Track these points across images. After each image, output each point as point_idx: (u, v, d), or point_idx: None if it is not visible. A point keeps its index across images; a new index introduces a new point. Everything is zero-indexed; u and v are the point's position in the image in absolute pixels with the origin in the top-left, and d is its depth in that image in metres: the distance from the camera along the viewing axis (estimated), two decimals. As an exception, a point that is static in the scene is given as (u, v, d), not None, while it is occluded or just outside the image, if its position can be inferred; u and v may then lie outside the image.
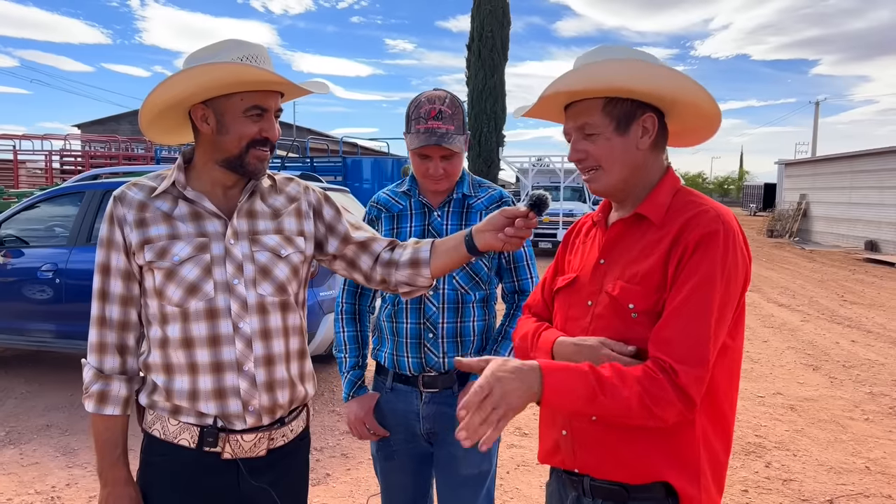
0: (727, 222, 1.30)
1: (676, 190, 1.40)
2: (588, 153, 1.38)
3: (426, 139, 1.91)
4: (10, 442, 4.33)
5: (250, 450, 1.53)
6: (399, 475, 2.12)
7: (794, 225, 25.45)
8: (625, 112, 1.36)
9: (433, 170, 1.97)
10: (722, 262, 1.27)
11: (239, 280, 1.51)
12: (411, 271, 1.67)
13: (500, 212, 1.55)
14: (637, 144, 1.38)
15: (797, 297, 11.00)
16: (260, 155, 1.52)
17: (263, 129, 1.51)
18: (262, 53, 1.50)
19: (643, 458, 1.31)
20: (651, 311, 1.30)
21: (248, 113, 1.48)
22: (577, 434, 1.39)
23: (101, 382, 1.52)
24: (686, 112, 1.40)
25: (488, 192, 2.09)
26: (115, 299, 1.53)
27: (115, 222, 1.52)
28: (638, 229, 1.39)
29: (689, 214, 1.32)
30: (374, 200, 2.18)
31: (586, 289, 1.43)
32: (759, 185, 55.99)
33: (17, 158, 18.66)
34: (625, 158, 1.37)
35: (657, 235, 1.34)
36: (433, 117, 1.92)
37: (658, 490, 1.33)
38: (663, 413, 1.21)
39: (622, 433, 1.32)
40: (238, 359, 1.49)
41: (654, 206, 1.37)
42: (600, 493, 1.38)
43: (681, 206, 1.36)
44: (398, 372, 2.06)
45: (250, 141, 1.50)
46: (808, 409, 5.25)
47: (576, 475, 1.42)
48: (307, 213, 1.66)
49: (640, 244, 1.37)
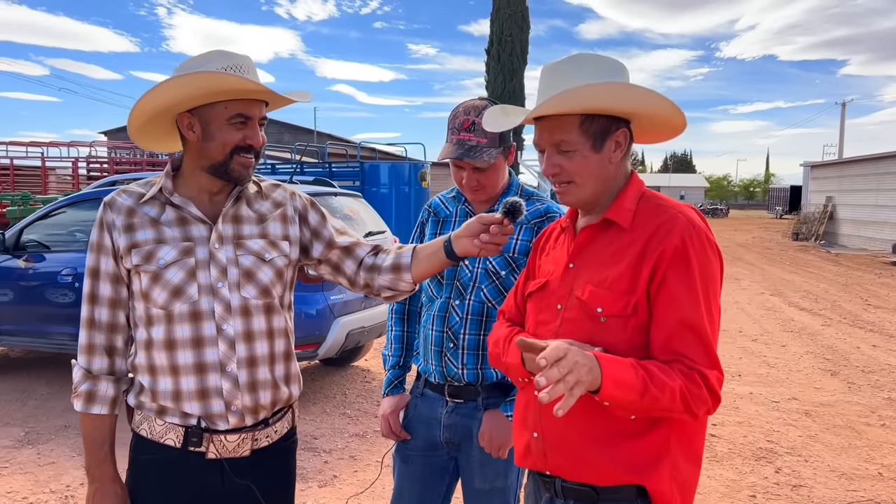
0: (697, 227, 1.32)
1: (641, 194, 1.42)
2: (563, 168, 1.40)
3: (453, 151, 1.91)
4: (29, 442, 4.44)
5: (234, 450, 1.56)
6: (410, 481, 2.13)
7: (820, 228, 25.04)
8: (601, 129, 1.38)
9: (466, 181, 1.96)
10: (702, 270, 1.31)
11: (223, 283, 1.55)
12: (393, 276, 1.70)
13: (477, 218, 1.58)
14: (610, 159, 1.40)
15: (819, 301, 10.84)
16: (244, 161, 1.56)
17: (247, 136, 1.55)
18: (247, 64, 1.55)
19: (610, 461, 1.33)
20: (619, 314, 1.32)
21: (231, 121, 1.53)
22: (548, 437, 1.40)
23: (89, 382, 1.57)
24: (654, 121, 1.42)
25: (535, 206, 2.03)
26: (104, 302, 1.58)
27: (104, 227, 1.57)
28: (606, 234, 1.41)
29: (660, 220, 1.34)
30: (426, 204, 2.20)
31: (556, 293, 1.45)
32: (786, 188, 55.27)
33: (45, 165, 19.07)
34: (598, 173, 1.40)
35: (627, 240, 1.36)
36: (465, 129, 1.91)
37: (628, 492, 1.34)
38: (697, 409, 1.27)
39: (590, 437, 1.33)
40: (221, 360, 1.53)
41: (621, 212, 1.39)
42: (571, 494, 1.39)
43: (649, 210, 1.37)
44: (427, 378, 2.08)
45: (234, 148, 1.54)
46: (824, 414, 5.18)
47: (548, 477, 1.44)
48: (293, 219, 1.70)
49: (609, 249, 1.39)
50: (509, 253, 1.97)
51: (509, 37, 23.91)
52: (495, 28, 24.47)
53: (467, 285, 1.99)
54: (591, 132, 1.37)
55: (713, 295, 1.32)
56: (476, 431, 1.97)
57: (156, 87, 1.49)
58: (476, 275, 1.98)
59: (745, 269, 15.39)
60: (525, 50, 24.63)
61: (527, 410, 1.47)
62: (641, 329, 1.31)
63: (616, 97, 1.33)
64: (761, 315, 9.48)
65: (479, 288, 1.97)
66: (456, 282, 2.00)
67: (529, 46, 24.73)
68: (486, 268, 1.98)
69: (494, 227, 1.54)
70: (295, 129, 36.78)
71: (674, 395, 1.23)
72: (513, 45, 23.95)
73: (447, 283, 2.01)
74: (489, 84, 24.65)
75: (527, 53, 24.77)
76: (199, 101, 1.51)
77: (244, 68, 1.53)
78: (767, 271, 15.13)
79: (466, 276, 1.99)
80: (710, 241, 1.33)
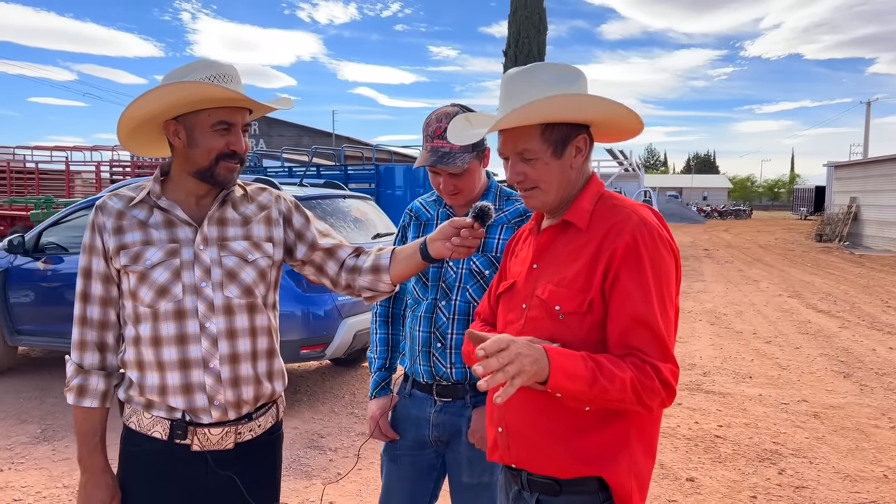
0: (649, 224, 1.36)
1: (600, 195, 1.47)
2: (527, 175, 1.45)
3: (427, 159, 1.97)
4: (45, 439, 4.58)
5: (218, 443, 1.63)
6: (399, 479, 2.18)
7: (844, 229, 24.68)
8: (561, 136, 1.43)
9: (443, 186, 2.03)
10: (654, 267, 1.34)
11: (206, 283, 1.62)
12: (373, 277, 1.76)
13: (450, 222, 1.64)
14: (571, 164, 1.46)
15: (838, 303, 10.71)
16: (229, 167, 1.63)
17: (230, 142, 1.62)
18: (231, 72, 1.61)
19: (569, 455, 1.37)
20: (576, 312, 1.36)
21: (215, 127, 1.60)
22: (511, 430, 1.45)
23: (80, 377, 1.65)
24: (612, 125, 1.47)
25: (514, 206, 2.09)
26: (96, 300, 1.66)
27: (95, 229, 1.65)
28: (565, 235, 1.46)
29: (613, 220, 1.39)
30: (408, 208, 2.26)
31: (521, 293, 1.50)
32: (810, 189, 54.48)
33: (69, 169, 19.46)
34: (561, 179, 1.45)
35: (583, 241, 1.41)
36: (438, 136, 1.97)
37: (590, 484, 1.38)
38: (650, 401, 1.30)
39: (548, 431, 1.38)
40: (204, 356, 1.60)
41: (578, 213, 1.44)
42: (536, 487, 1.44)
43: (605, 211, 1.42)
44: (415, 379, 2.13)
45: (219, 154, 1.61)
46: (833, 416, 5.14)
47: (515, 470, 1.48)
48: (277, 221, 1.77)
49: (567, 249, 1.44)
50: (492, 252, 2.03)
51: (526, 38, 23.93)
52: (513, 30, 24.51)
53: (453, 286, 2.04)
54: (551, 140, 1.42)
55: (666, 290, 1.35)
56: (465, 429, 2.02)
57: (141, 97, 1.56)
58: (461, 275, 2.03)
59: (765, 271, 15.24)
60: (542, 51, 24.63)
61: (493, 406, 1.52)
62: (597, 326, 1.35)
63: (573, 108, 1.38)
64: (777, 317, 9.40)
65: (465, 288, 2.03)
66: (441, 283, 2.05)
67: (549, 47, 24.82)
68: (471, 268, 2.03)
69: (465, 230, 1.60)
70: (313, 132, 37.10)
71: (624, 386, 1.26)
72: (530, 46, 23.97)
73: (432, 284, 2.07)
74: (507, 86, 24.64)
75: (544, 55, 24.77)
76: (182, 109, 1.58)
77: (228, 77, 1.60)
78: (787, 273, 14.96)
79: (451, 276, 2.04)
80: (662, 238, 1.37)
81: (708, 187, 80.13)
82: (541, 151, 1.42)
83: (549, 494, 1.42)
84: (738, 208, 57.75)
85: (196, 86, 1.53)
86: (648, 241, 1.34)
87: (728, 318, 9.34)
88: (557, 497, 1.41)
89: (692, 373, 6.41)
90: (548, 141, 1.42)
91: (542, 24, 24.45)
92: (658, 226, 1.39)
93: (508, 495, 1.54)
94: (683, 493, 3.79)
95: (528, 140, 1.42)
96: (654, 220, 1.39)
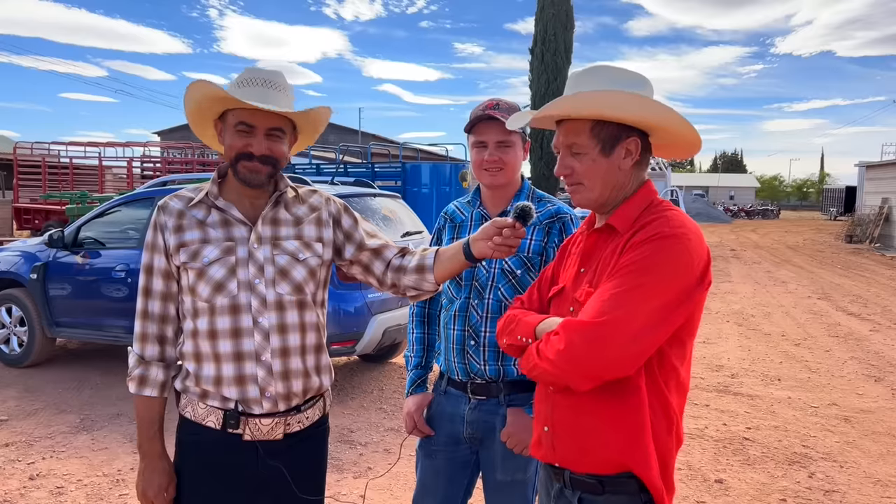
0: (673, 225, 1.38)
1: (649, 203, 1.49)
2: (573, 170, 1.49)
3: (479, 117, 2.05)
4: (84, 428, 4.71)
5: (268, 433, 1.70)
6: (434, 475, 2.22)
7: (875, 230, 24.24)
8: (610, 135, 1.46)
9: (487, 157, 2.07)
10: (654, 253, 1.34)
11: (260, 280, 1.69)
12: (418, 276, 1.81)
13: (492, 222, 1.69)
14: (620, 165, 1.48)
15: (869, 305, 10.56)
16: (249, 167, 1.68)
17: (249, 144, 1.67)
18: (262, 77, 1.68)
19: (605, 447, 1.41)
20: None
21: (237, 128, 1.68)
22: (557, 430, 1.49)
23: (141, 368, 1.74)
24: (669, 135, 1.50)
25: (546, 207, 2.13)
26: (157, 295, 1.74)
27: (157, 228, 1.73)
28: (609, 238, 1.50)
29: (646, 220, 1.42)
30: (444, 211, 2.33)
31: (569, 297, 1.54)
32: (841, 189, 53.54)
33: (101, 164, 19.82)
34: (606, 178, 1.48)
35: (618, 242, 1.45)
36: (490, 107, 2.07)
37: (630, 486, 1.42)
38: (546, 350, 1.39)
39: (590, 424, 1.42)
40: (256, 349, 1.67)
41: (622, 218, 1.48)
42: (579, 485, 1.48)
43: (647, 216, 1.45)
44: (450, 377, 2.18)
45: (237, 153, 1.68)
46: (864, 420, 5.10)
47: (557, 468, 1.53)
48: (327, 222, 1.83)
49: (606, 252, 1.47)
50: (524, 253, 2.08)
51: (553, 36, 23.85)
52: (539, 28, 24.43)
53: (485, 285, 2.09)
54: (600, 137, 1.46)
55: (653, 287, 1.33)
56: (498, 426, 2.07)
57: (185, 93, 1.69)
58: (493, 275, 2.09)
59: (794, 272, 15.05)
60: (569, 49, 24.53)
61: (541, 404, 1.56)
62: None
63: (617, 105, 1.41)
64: (806, 319, 9.30)
65: (497, 287, 2.08)
66: (474, 282, 2.11)
67: (575, 45, 24.68)
68: (503, 268, 2.08)
69: (507, 230, 1.65)
70: (340, 129, 37.39)
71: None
72: (556, 44, 23.89)
73: (466, 284, 2.12)
74: (533, 83, 24.63)
75: (571, 52, 24.66)
76: (209, 107, 1.70)
77: (261, 82, 1.67)
78: (816, 274, 14.77)
79: (484, 276, 2.10)
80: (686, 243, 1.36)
81: (735, 186, 79.10)
82: (589, 147, 1.46)
83: (591, 493, 1.46)
84: (765, 208, 56.88)
85: (206, 85, 1.64)
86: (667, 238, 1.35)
87: (756, 319, 9.26)
88: (600, 496, 1.45)
89: (720, 374, 6.38)
90: (597, 137, 1.45)
91: (569, 22, 24.34)
92: (688, 233, 1.38)
93: (550, 493, 1.58)
94: (712, 495, 3.80)
95: (578, 134, 1.46)
96: (686, 227, 1.39)
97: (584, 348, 1.29)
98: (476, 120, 2.07)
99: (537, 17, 24.65)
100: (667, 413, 1.41)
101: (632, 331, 1.29)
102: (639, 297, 1.31)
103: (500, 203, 2.16)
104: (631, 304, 1.30)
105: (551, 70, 23.97)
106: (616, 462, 1.41)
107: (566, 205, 2.17)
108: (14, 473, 3.95)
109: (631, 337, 1.29)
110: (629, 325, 1.29)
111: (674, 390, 1.42)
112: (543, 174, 23.76)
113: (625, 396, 1.38)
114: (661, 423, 1.40)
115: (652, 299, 1.31)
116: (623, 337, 1.29)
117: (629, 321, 1.29)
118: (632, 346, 1.30)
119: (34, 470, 4.00)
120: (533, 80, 24.65)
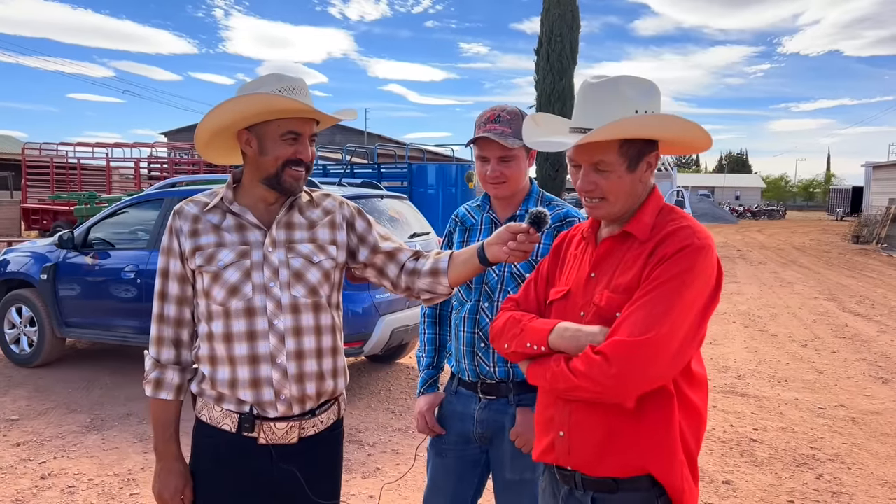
0: (702, 236, 1.42)
1: (660, 208, 1.52)
2: (598, 185, 1.51)
3: (479, 134, 2.06)
4: (94, 428, 4.75)
5: (283, 437, 1.72)
6: (445, 473, 2.25)
7: (882, 231, 24.14)
8: (637, 151, 1.49)
9: (489, 172, 2.09)
10: (691, 267, 1.39)
11: (275, 283, 1.71)
12: (432, 280, 1.83)
13: (506, 227, 1.71)
14: (641, 178, 1.52)
15: (876, 306, 10.53)
16: (294, 174, 1.72)
17: (298, 150, 1.71)
18: (300, 86, 1.70)
19: (627, 451, 1.43)
20: None
21: (284, 137, 1.69)
22: (575, 434, 1.50)
23: (157, 371, 1.76)
24: (684, 141, 1.54)
25: (555, 210, 2.14)
26: (172, 299, 1.76)
27: (173, 233, 1.76)
28: (624, 245, 1.52)
29: (668, 230, 1.45)
30: (454, 214, 2.35)
31: (579, 301, 1.55)
32: (847, 189, 53.37)
33: (109, 165, 19.89)
34: (630, 191, 1.51)
35: (640, 250, 1.47)
36: (491, 121, 2.08)
37: (644, 482, 1.44)
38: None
39: (611, 429, 1.44)
40: (272, 352, 1.69)
41: (640, 225, 1.50)
42: (591, 486, 1.49)
43: (663, 223, 1.48)
44: (461, 377, 2.21)
45: (286, 161, 1.70)
46: (872, 422, 5.10)
47: (568, 471, 1.54)
48: (341, 225, 1.85)
49: (625, 258, 1.49)
50: (533, 256, 2.09)
51: (559, 37, 23.82)
52: (545, 28, 24.40)
53: (495, 288, 2.11)
54: (628, 154, 1.48)
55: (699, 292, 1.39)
56: (508, 426, 2.09)
57: (217, 107, 1.66)
58: (503, 278, 2.11)
59: (800, 273, 15.02)
60: (575, 49, 24.48)
61: (553, 410, 1.56)
62: None
63: (658, 127, 1.46)
64: (813, 320, 9.28)
65: (506, 290, 2.10)
66: (484, 285, 2.13)
67: (581, 45, 24.63)
68: (512, 271, 2.10)
69: (521, 235, 1.66)
70: (346, 129, 37.43)
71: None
72: (562, 44, 23.85)
73: (476, 287, 2.14)
74: (538, 84, 24.60)
75: (577, 53, 24.62)
76: (254, 119, 1.68)
77: (296, 90, 1.69)
78: (823, 275, 14.73)
79: (494, 279, 2.12)
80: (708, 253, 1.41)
81: (741, 187, 78.88)
82: (617, 164, 1.48)
83: (605, 492, 1.47)
84: (771, 208, 56.69)
85: (269, 98, 1.62)
86: (693, 249, 1.39)
87: (762, 320, 9.25)
88: (614, 494, 1.46)
89: (726, 375, 6.38)
90: (625, 155, 1.47)
91: (574, 22, 24.29)
92: (707, 242, 1.42)
93: (557, 495, 1.59)
94: (720, 496, 3.81)
95: (607, 152, 1.47)
96: (704, 235, 1.43)
97: (634, 368, 1.33)
98: (476, 137, 2.08)
99: (543, 18, 24.63)
100: (693, 411, 1.45)
101: (676, 346, 1.35)
102: (681, 313, 1.35)
103: (510, 208, 2.18)
104: (675, 320, 1.35)
105: (557, 70, 23.93)
106: (637, 466, 1.43)
107: (574, 207, 2.20)
108: (26, 473, 3.99)
109: (675, 352, 1.36)
110: (673, 341, 1.35)
111: (695, 386, 1.46)
112: (549, 175, 23.73)
113: (655, 400, 1.41)
114: (688, 423, 1.44)
115: (692, 313, 1.37)
116: (669, 353, 1.35)
117: (673, 337, 1.34)
118: (676, 360, 1.37)
119: (45, 469, 4.03)
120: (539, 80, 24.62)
